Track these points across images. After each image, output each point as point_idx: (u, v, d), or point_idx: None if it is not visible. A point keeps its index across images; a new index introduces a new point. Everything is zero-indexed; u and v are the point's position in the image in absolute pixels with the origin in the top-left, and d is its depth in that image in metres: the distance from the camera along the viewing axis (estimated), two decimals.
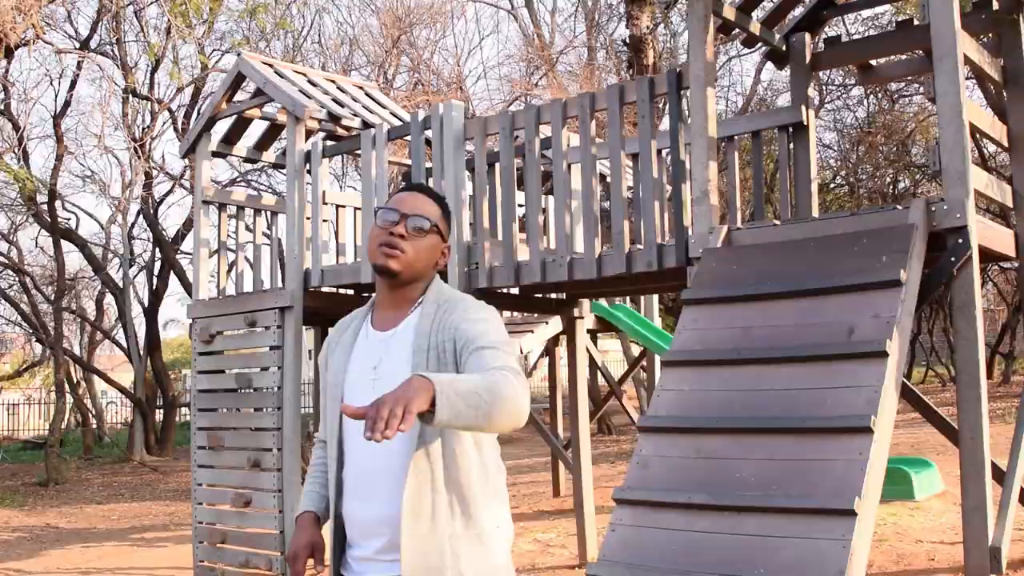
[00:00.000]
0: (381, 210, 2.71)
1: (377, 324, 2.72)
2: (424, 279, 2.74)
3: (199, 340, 8.49)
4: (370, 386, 2.61)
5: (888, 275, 4.50)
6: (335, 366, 2.74)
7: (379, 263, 2.64)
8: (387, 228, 2.65)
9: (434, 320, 2.62)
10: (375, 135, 7.43)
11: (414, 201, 2.71)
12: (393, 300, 2.72)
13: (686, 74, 5.78)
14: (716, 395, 4.63)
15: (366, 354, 2.68)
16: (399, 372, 2.53)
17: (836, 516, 3.89)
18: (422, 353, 2.57)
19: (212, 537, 8.29)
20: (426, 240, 2.68)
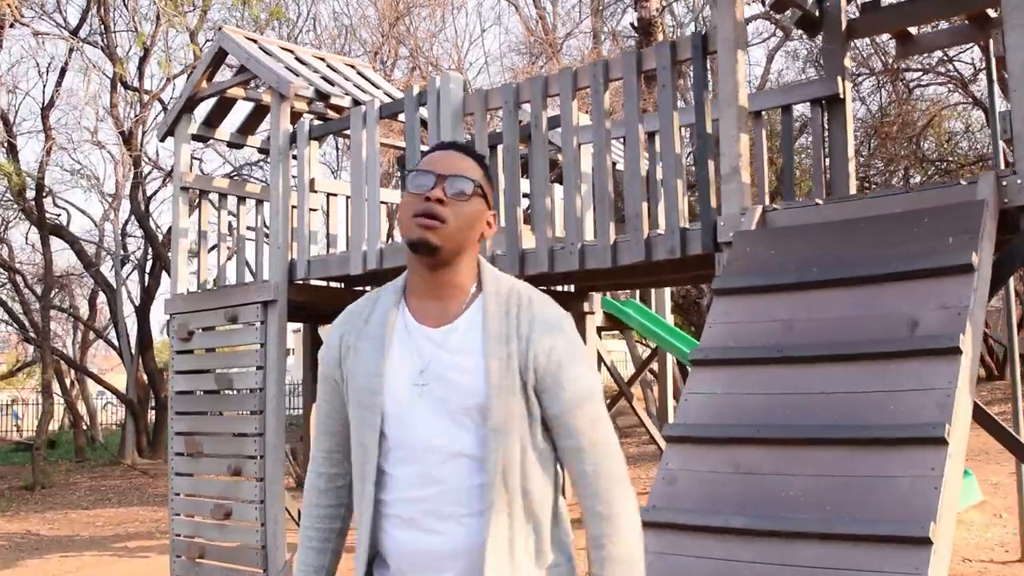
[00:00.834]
0: (412, 173, 2.20)
1: (419, 316, 2.21)
2: (469, 256, 2.23)
3: (176, 338, 7.86)
4: (416, 393, 2.15)
5: (957, 259, 3.85)
6: (365, 367, 2.20)
7: (415, 237, 2.13)
8: (422, 194, 2.14)
9: (508, 322, 2.18)
10: (366, 112, 6.78)
11: (450, 160, 2.19)
12: (435, 286, 2.21)
13: (713, 37, 5.12)
14: (755, 399, 3.98)
15: (409, 353, 2.18)
16: (462, 380, 2.14)
17: (907, 545, 3.25)
18: (500, 360, 2.13)
19: (190, 551, 7.65)
20: (469, 206, 2.17)
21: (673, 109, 5.29)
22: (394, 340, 2.20)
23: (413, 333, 2.20)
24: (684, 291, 13.84)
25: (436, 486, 2.12)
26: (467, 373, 2.14)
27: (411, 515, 2.14)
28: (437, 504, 2.12)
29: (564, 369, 2.17)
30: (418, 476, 2.13)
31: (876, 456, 3.53)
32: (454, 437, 2.12)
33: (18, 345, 36.61)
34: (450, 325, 2.19)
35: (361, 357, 2.21)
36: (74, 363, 24.62)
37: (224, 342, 7.82)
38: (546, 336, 2.17)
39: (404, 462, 2.15)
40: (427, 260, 2.17)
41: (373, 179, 6.71)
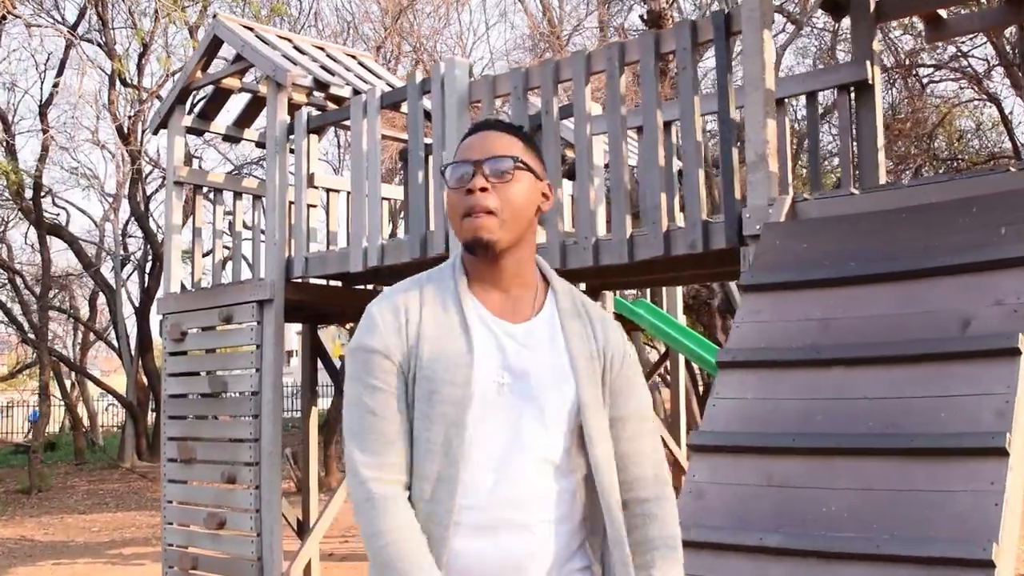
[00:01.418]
0: (450, 167, 2.06)
1: (493, 309, 2.06)
2: (530, 241, 2.09)
3: (169, 339, 7.54)
4: (499, 391, 1.99)
5: (1013, 251, 3.51)
6: (448, 353, 1.98)
7: (469, 239, 2.01)
8: (463, 187, 2.01)
9: (583, 323, 2.12)
10: (366, 101, 6.44)
11: (485, 142, 2.05)
12: (501, 279, 2.07)
13: (736, 16, 4.78)
14: (789, 405, 3.64)
15: (494, 349, 2.02)
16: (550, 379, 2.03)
17: (967, 568, 2.91)
18: (589, 361, 2.07)
19: (183, 562, 7.33)
20: (516, 185, 2.02)
21: (694, 93, 4.95)
22: (474, 334, 2.01)
23: (491, 326, 2.04)
24: (694, 291, 13.51)
25: (518, 491, 1.98)
26: (556, 372, 2.04)
27: (488, 523, 1.96)
28: (518, 512, 1.97)
29: (636, 376, 2.17)
30: (497, 481, 1.97)
31: (928, 468, 3.20)
32: (540, 440, 2.00)
33: (18, 347, 36.47)
34: (529, 322, 2.07)
35: (442, 345, 2.00)
36: (73, 365, 24.38)
37: (219, 343, 7.49)
38: (620, 344, 2.15)
39: (481, 465, 1.97)
40: (490, 257, 2.04)
41: (374, 172, 6.37)
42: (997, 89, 18.22)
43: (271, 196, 6.97)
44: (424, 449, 1.98)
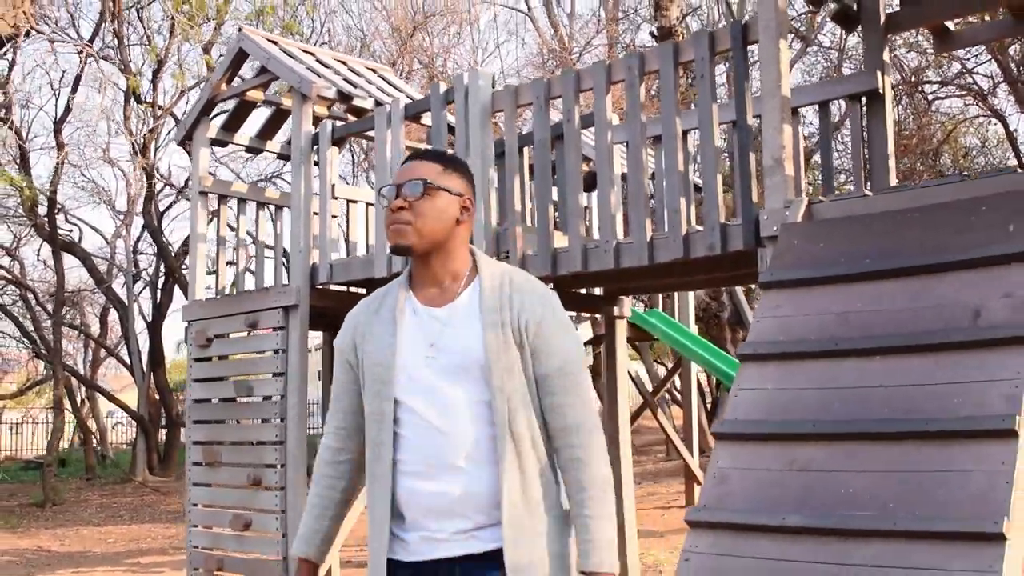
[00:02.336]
0: (383, 188, 2.66)
1: (424, 300, 2.60)
2: (456, 243, 2.61)
3: (195, 344, 7.71)
4: (426, 363, 2.53)
5: (1021, 246, 3.68)
6: (378, 344, 2.57)
7: (391, 244, 2.58)
8: (389, 206, 2.59)
9: (501, 296, 2.56)
10: (391, 111, 6.64)
11: (408, 170, 2.60)
12: (432, 275, 2.61)
13: (753, 25, 4.98)
14: (809, 394, 3.81)
15: (418, 330, 2.57)
16: (466, 348, 2.52)
17: (979, 542, 3.07)
18: (495, 328, 2.51)
19: (208, 563, 7.48)
20: (429, 202, 2.55)
21: (712, 101, 5.14)
22: (403, 321, 2.56)
23: (420, 314, 2.57)
24: (704, 304, 13.71)
25: (445, 439, 2.47)
26: (469, 340, 2.51)
27: (424, 468, 2.48)
28: (447, 456, 2.46)
29: (553, 339, 2.56)
30: (429, 433, 2.48)
31: (941, 451, 3.36)
32: (460, 395, 2.49)
33: (28, 363, 36.64)
34: (451, 304, 2.56)
35: (375, 339, 2.58)
36: (86, 380, 24.53)
37: (243, 349, 7.66)
38: (536, 308, 2.56)
39: (415, 424, 2.50)
40: (421, 259, 2.57)
41: None
42: (1002, 106, 18.42)
43: (296, 205, 7.16)
44: (373, 419, 2.56)
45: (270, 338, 7.15)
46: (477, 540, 2.48)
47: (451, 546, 2.48)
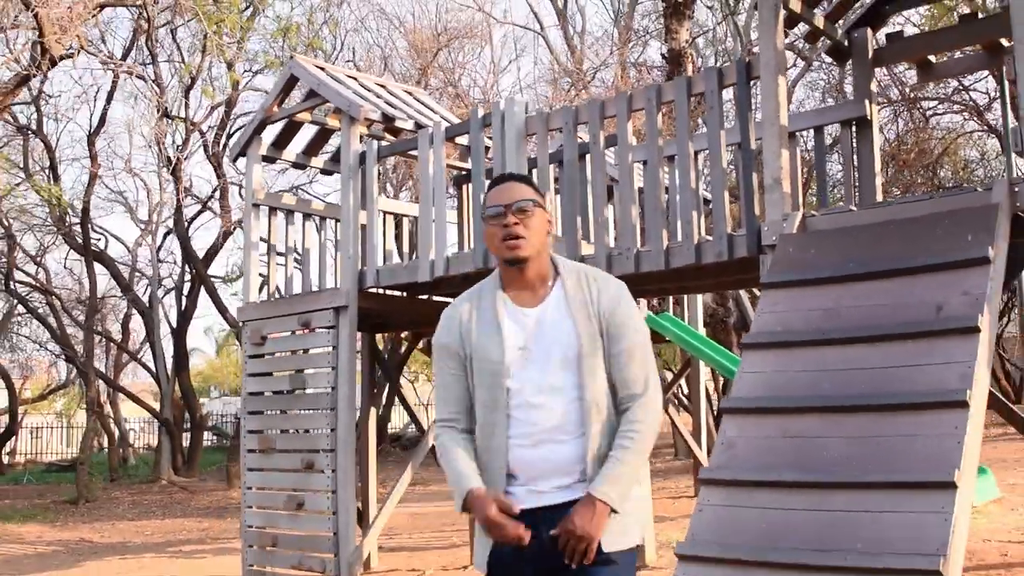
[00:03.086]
0: (487, 210, 3.07)
1: (518, 302, 3.07)
2: (545, 252, 3.09)
3: (250, 343, 8.48)
4: (525, 356, 3.00)
5: (976, 253, 4.47)
6: (487, 342, 3.02)
7: (508, 256, 3.01)
8: (499, 224, 3.01)
9: (584, 293, 3.05)
10: (432, 133, 7.44)
11: (509, 191, 3.06)
12: (526, 280, 3.06)
13: (755, 63, 5.77)
14: (801, 376, 4.59)
15: (520, 329, 3.03)
16: (560, 341, 3.00)
17: (935, 489, 3.84)
18: (585, 321, 3.00)
19: (262, 540, 8.24)
20: (534, 218, 3.02)
21: (720, 128, 5.93)
22: (505, 322, 3.03)
23: (517, 314, 3.05)
24: (711, 310, 14.39)
25: (546, 417, 2.97)
26: (562, 335, 3.00)
27: (531, 441, 2.98)
28: (549, 430, 2.97)
29: (625, 324, 3.04)
30: (533, 413, 2.98)
31: (908, 419, 4.13)
32: (556, 381, 2.98)
33: (49, 369, 37.36)
34: (543, 304, 3.06)
35: (482, 337, 3.03)
36: (114, 384, 25.18)
37: (297, 346, 8.41)
38: (612, 298, 3.05)
39: (522, 407, 2.98)
40: (520, 267, 3.03)
41: (440, 194, 7.35)
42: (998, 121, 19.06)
43: (345, 216, 7.95)
44: (479, 404, 3.03)
45: (322, 336, 7.92)
46: (571, 491, 2.96)
47: (551, 496, 2.97)
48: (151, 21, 17.26)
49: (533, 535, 2.91)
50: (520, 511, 2.94)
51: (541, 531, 2.93)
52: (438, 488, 16.89)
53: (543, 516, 2.95)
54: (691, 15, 13.22)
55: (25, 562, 11.59)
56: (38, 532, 14.59)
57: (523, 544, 2.87)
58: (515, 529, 2.88)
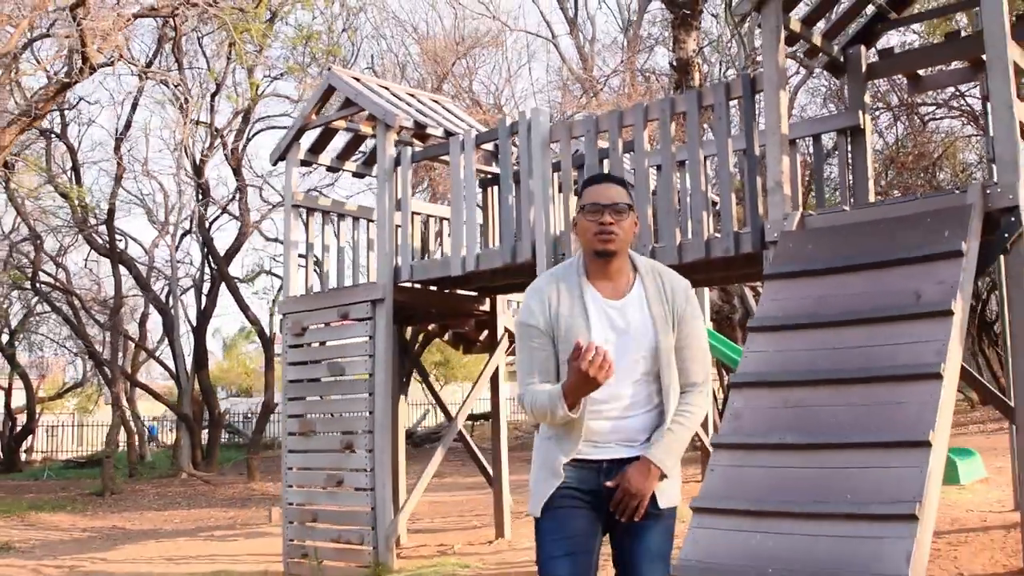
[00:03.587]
0: (587, 205, 3.39)
1: (603, 293, 3.43)
2: (627, 250, 3.46)
3: (290, 334, 9.15)
4: (607, 343, 3.31)
5: (950, 247, 5.14)
6: (575, 326, 3.37)
7: (599, 248, 3.36)
8: (596, 219, 3.35)
9: (659, 290, 3.43)
10: (463, 140, 8.12)
11: (608, 191, 3.39)
12: (609, 273, 3.42)
13: (759, 79, 6.45)
14: (799, 354, 5.27)
15: (604, 318, 3.39)
16: (639, 331, 3.39)
17: (912, 447, 4.51)
18: (662, 316, 3.40)
19: (303, 517, 8.90)
20: (627, 219, 3.38)
21: (727, 136, 6.61)
22: (592, 310, 3.39)
23: (600, 304, 3.41)
24: (717, 307, 15.04)
25: (621, 394, 3.38)
26: (642, 327, 3.39)
27: (606, 413, 3.38)
28: (623, 407, 3.39)
29: (691, 320, 3.46)
30: (610, 391, 3.32)
31: (891, 389, 4.80)
32: (632, 365, 3.37)
33: (65, 368, 37.95)
34: (625, 299, 3.42)
35: (570, 320, 3.37)
36: (136, 381, 25.71)
37: (336, 336, 9.08)
38: (681, 295, 3.46)
39: (603, 388, 3.22)
40: (607, 260, 3.39)
41: (471, 196, 8.03)
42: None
43: (381, 215, 8.63)
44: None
45: (360, 326, 8.59)
46: (632, 449, 3.38)
47: (615, 451, 3.39)
48: (178, 29, 17.92)
49: (593, 479, 3.38)
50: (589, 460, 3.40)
51: (601, 477, 3.39)
52: (452, 480, 17.47)
53: (606, 468, 3.39)
54: (698, 26, 13.87)
55: (62, 546, 12.07)
56: (70, 521, 15.05)
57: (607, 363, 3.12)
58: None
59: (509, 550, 8.85)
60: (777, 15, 6.33)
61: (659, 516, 3.42)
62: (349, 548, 8.52)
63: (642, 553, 3.42)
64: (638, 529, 3.41)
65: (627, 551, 3.44)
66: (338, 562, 8.57)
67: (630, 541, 3.43)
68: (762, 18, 6.38)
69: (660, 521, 3.43)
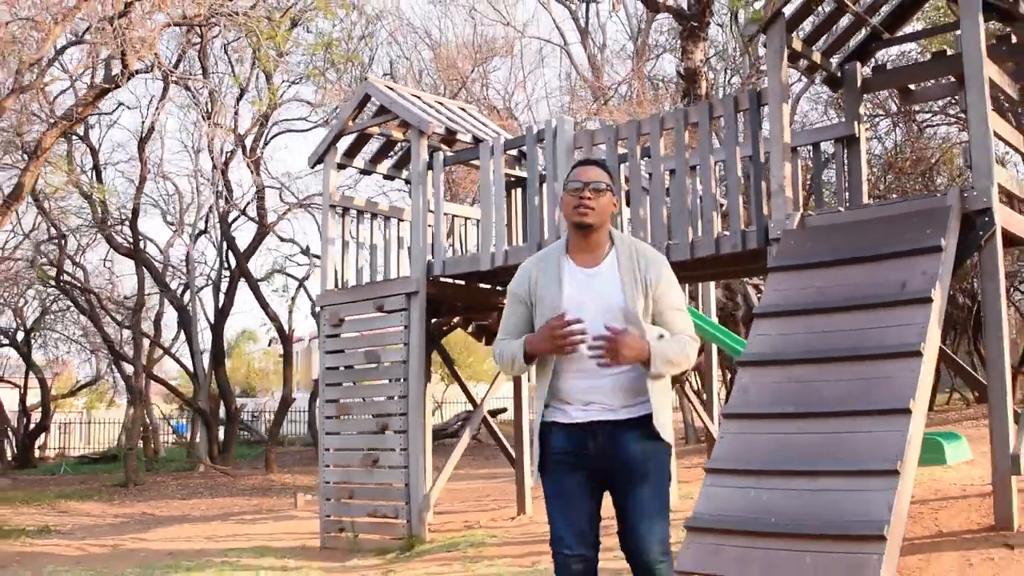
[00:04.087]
0: (568, 183, 3.83)
1: (580, 263, 3.83)
2: (606, 226, 3.85)
3: (328, 324, 9.88)
4: (579, 306, 3.71)
5: (931, 243, 5.89)
6: (550, 292, 3.78)
7: (576, 220, 3.77)
8: (576, 195, 3.77)
9: (632, 262, 3.79)
10: (493, 146, 8.86)
11: (589, 172, 3.82)
12: (587, 245, 3.83)
13: (764, 93, 7.19)
14: (799, 336, 6.01)
15: (576, 284, 3.79)
16: (609, 295, 3.74)
17: (895, 415, 5.24)
18: (632, 283, 3.75)
19: (340, 493, 9.63)
20: (604, 197, 3.79)
21: (735, 144, 7.36)
22: (566, 278, 3.78)
23: (574, 271, 3.80)
24: (721, 304, 15.71)
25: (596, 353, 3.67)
26: (612, 290, 3.74)
27: (579, 372, 3.74)
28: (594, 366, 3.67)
29: (667, 291, 3.81)
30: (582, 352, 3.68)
31: (879, 365, 5.54)
32: (601, 327, 3.62)
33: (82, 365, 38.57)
34: (597, 268, 3.80)
35: (546, 288, 3.78)
36: (155, 377, 26.26)
37: (372, 326, 9.82)
38: (656, 268, 3.79)
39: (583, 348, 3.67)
40: (585, 232, 3.78)
41: (500, 197, 8.77)
42: None
43: (415, 215, 9.37)
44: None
45: (395, 317, 9.31)
46: (613, 412, 3.70)
47: (598, 414, 3.71)
48: (204, 35, 18.62)
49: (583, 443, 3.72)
50: (574, 424, 3.74)
51: (591, 441, 3.72)
52: (465, 472, 18.02)
53: (591, 429, 3.72)
54: (705, 37, 14.59)
55: (98, 530, 12.65)
56: (100, 509, 15.54)
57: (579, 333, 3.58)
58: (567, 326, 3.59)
59: (531, 523, 9.52)
60: (781, 36, 7.08)
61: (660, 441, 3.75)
62: (384, 522, 9.23)
63: (635, 510, 3.73)
64: (630, 493, 3.74)
65: (621, 509, 3.79)
66: (373, 535, 9.28)
67: (622, 501, 3.78)
68: (767, 38, 7.14)
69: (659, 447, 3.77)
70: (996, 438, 6.13)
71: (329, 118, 21.21)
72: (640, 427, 3.73)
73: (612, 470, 3.75)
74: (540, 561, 7.12)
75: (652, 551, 3.69)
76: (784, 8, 7.03)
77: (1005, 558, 5.58)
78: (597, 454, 3.72)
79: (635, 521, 3.73)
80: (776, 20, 7.06)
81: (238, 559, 9.19)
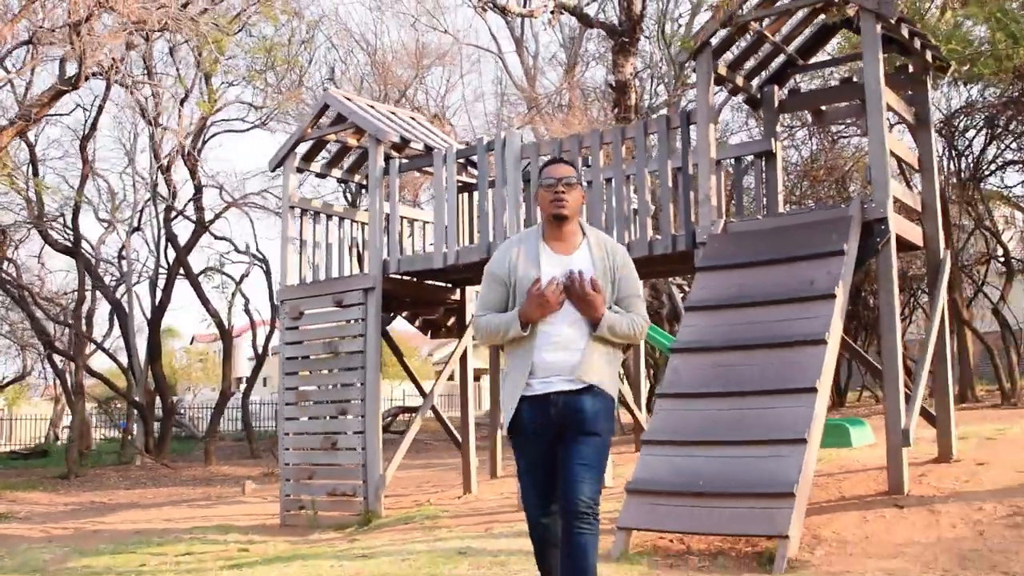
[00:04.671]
0: (543, 179, 4.22)
1: (555, 250, 4.19)
2: (577, 217, 4.24)
3: (288, 317, 10.60)
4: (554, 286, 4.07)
5: (836, 247, 6.87)
6: (527, 273, 4.12)
7: (554, 212, 4.15)
8: (551, 190, 4.15)
9: (603, 252, 4.20)
10: (445, 154, 9.68)
11: (560, 169, 4.21)
12: (562, 235, 4.20)
13: (693, 114, 8.13)
14: (723, 327, 6.95)
15: (553, 267, 4.14)
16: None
17: (803, 393, 6.21)
18: (602, 270, 4.15)
19: (300, 474, 10.34)
20: (576, 191, 4.18)
21: (667, 158, 8.28)
22: (543, 261, 4.13)
23: (551, 256, 4.15)
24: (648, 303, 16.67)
25: (567, 332, 4.09)
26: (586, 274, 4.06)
27: (553, 348, 4.10)
28: (567, 342, 4.09)
29: (630, 280, 4.23)
30: (556, 330, 4.09)
31: (792, 352, 6.50)
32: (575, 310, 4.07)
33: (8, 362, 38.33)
34: (571, 255, 4.16)
35: (526, 269, 4.11)
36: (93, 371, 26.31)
37: (330, 319, 10.54)
38: (621, 259, 4.22)
39: (549, 323, 4.09)
40: (560, 223, 4.15)
41: (451, 202, 9.58)
42: None
43: (372, 217, 10.15)
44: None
45: (352, 311, 10.07)
46: (573, 383, 4.04)
47: (559, 385, 4.05)
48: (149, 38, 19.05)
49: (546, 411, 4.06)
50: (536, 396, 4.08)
51: (552, 408, 4.06)
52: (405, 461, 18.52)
53: (553, 398, 4.08)
54: (635, 51, 15.54)
55: (54, 516, 12.89)
56: (47, 498, 15.63)
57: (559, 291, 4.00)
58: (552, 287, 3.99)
59: (477, 501, 10.32)
60: (708, 62, 8.02)
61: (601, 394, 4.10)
62: (343, 499, 9.97)
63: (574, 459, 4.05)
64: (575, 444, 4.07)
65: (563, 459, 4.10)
66: (332, 512, 10.01)
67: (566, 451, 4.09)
68: (696, 64, 8.08)
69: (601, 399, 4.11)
70: (889, 414, 7.11)
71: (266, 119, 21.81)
72: (592, 392, 4.11)
73: (565, 426, 4.08)
74: (493, 527, 7.91)
75: (581, 496, 3.98)
76: (711, 39, 7.96)
77: (895, 516, 6.57)
78: (556, 419, 4.09)
79: (571, 471, 4.03)
80: (704, 49, 8.01)
81: (204, 535, 9.80)
